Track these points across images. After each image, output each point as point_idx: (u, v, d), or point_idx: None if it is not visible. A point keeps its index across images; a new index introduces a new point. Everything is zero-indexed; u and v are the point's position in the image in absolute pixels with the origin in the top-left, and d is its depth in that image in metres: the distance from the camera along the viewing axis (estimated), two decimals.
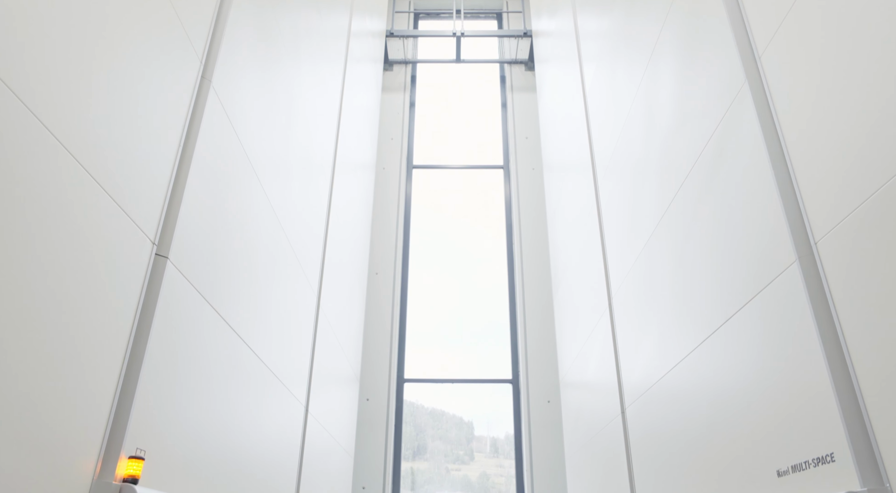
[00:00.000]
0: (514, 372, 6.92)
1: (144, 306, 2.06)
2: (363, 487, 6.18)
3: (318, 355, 4.47)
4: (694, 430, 2.94)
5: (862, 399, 1.76)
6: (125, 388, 1.93)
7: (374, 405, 6.54)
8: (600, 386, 4.67)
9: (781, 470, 2.14)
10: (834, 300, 1.90)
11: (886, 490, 1.65)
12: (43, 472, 1.55)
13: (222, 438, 2.70)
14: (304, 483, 4.06)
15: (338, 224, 5.27)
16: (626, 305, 4.07)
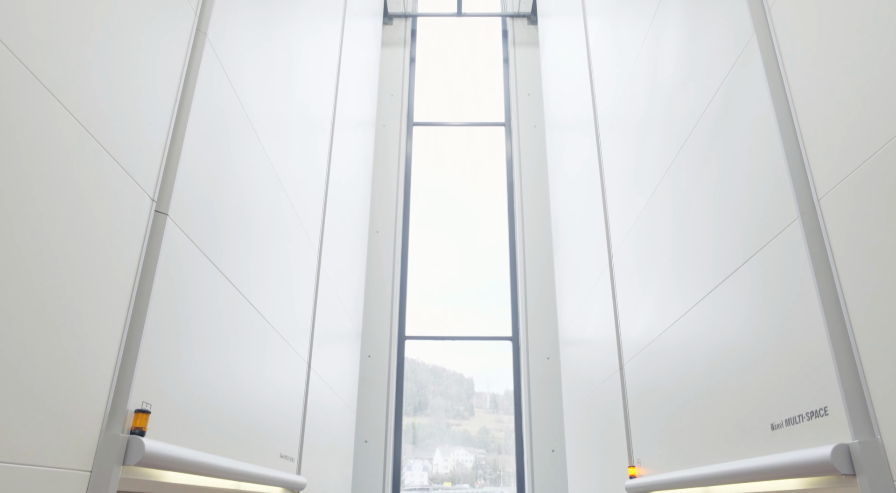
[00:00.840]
0: (513, 329, 7.00)
1: (145, 262, 2.06)
2: (365, 441, 6.32)
3: (319, 312, 4.51)
4: (691, 385, 2.99)
5: (858, 354, 1.78)
6: (129, 343, 1.95)
7: (376, 362, 6.63)
8: (599, 343, 4.73)
9: (775, 424, 2.18)
10: (835, 258, 1.90)
11: (877, 442, 1.68)
12: (52, 425, 1.58)
13: (226, 392, 2.75)
14: (307, 437, 4.15)
15: (338, 182, 5.24)
16: (626, 262, 4.08)
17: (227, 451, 2.73)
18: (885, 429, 1.66)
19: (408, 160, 7.74)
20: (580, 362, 5.40)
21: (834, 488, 1.85)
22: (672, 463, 3.20)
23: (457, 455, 8.15)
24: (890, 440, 1.65)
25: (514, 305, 7.08)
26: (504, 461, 7.30)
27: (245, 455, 2.96)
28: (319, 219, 4.59)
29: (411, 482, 7.21)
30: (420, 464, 7.62)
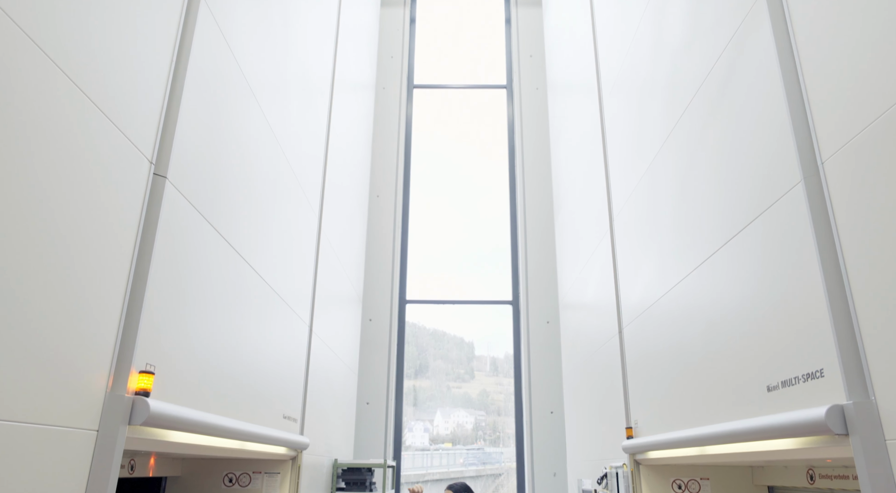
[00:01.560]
0: (514, 294, 7.03)
1: (145, 225, 2.06)
2: (367, 402, 6.42)
3: (320, 275, 4.52)
4: (688, 348, 3.02)
5: (856, 317, 1.79)
6: (131, 305, 1.96)
7: (377, 326, 6.69)
8: (599, 307, 4.76)
9: (771, 386, 2.21)
10: (836, 222, 1.90)
11: (871, 403, 1.70)
12: (59, 386, 1.60)
13: (229, 354, 2.78)
14: (310, 398, 4.21)
15: (338, 146, 5.20)
16: (627, 227, 4.07)
17: (230, 412, 2.77)
18: (880, 390, 1.68)
19: (408, 124, 7.66)
20: (580, 326, 5.44)
21: (827, 447, 1.88)
22: (669, 424, 3.26)
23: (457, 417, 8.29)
24: (884, 400, 1.67)
25: (515, 269, 7.10)
26: (504, 423, 7.43)
27: (248, 416, 3.01)
28: (319, 183, 4.56)
29: (412, 442, 7.35)
30: (421, 425, 7.76)
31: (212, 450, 2.67)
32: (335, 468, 5.00)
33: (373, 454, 6.23)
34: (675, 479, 3.67)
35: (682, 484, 3.67)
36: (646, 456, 3.61)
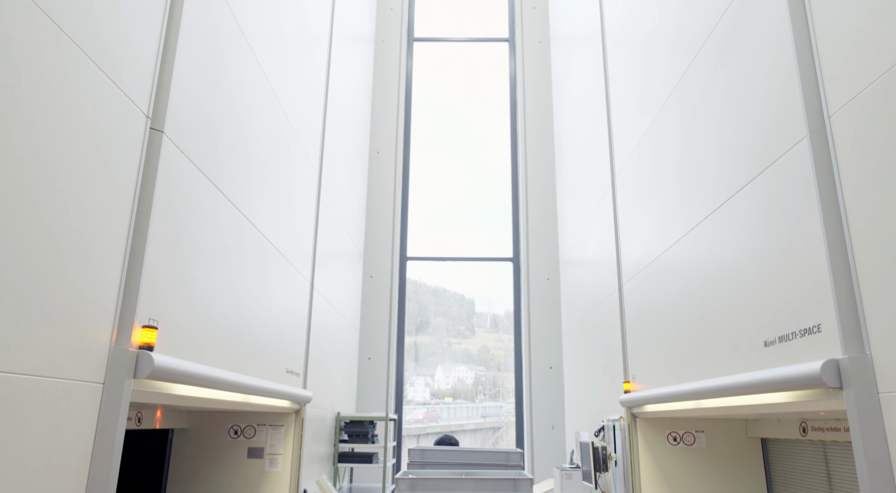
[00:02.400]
0: (514, 250, 7.05)
1: (144, 180, 2.04)
2: (369, 358, 6.52)
3: (321, 232, 4.53)
4: (688, 304, 3.04)
5: (856, 273, 1.79)
6: (132, 260, 1.96)
7: (378, 282, 6.73)
8: (599, 263, 4.77)
9: (769, 341, 2.23)
10: (841, 178, 1.88)
11: (866, 357, 1.72)
12: (63, 340, 1.62)
13: (231, 310, 2.80)
14: (312, 353, 4.27)
15: (337, 100, 5.12)
16: (629, 183, 4.05)
17: (233, 366, 2.81)
18: (876, 344, 1.70)
19: (408, 78, 7.52)
20: (580, 283, 5.47)
21: (821, 400, 1.91)
22: (666, 379, 3.31)
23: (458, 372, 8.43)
24: (879, 354, 1.68)
25: (516, 226, 7.09)
26: (503, 378, 7.56)
27: (251, 370, 3.06)
28: (319, 138, 4.52)
29: (414, 397, 7.49)
30: (422, 380, 7.90)
31: (216, 403, 2.72)
32: (338, 421, 5.11)
33: (375, 408, 6.36)
34: (671, 431, 3.76)
35: (677, 436, 3.75)
36: (642, 410, 3.68)
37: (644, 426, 3.81)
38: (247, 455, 3.83)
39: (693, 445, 3.73)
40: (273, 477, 3.81)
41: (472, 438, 11.19)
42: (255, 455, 3.83)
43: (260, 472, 3.81)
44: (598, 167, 4.79)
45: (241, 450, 3.84)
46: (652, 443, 3.76)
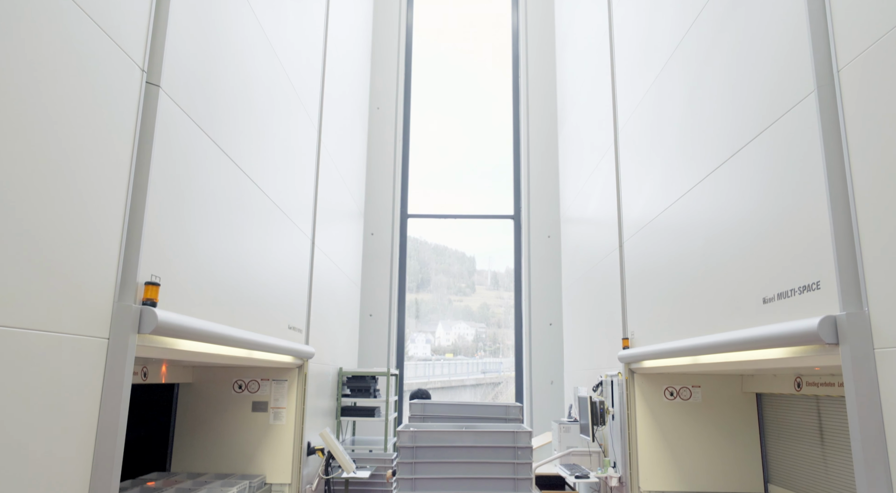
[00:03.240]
0: (515, 208, 7.03)
1: (141, 135, 2.02)
2: (370, 314, 6.58)
3: (321, 189, 4.51)
4: (688, 262, 3.05)
5: (857, 230, 1.79)
6: (132, 216, 1.96)
7: (379, 240, 6.74)
8: (600, 221, 4.77)
9: (767, 298, 2.25)
10: (847, 134, 1.85)
11: (864, 314, 1.74)
12: (67, 296, 1.63)
13: (233, 266, 2.81)
14: (314, 309, 4.31)
15: (336, 54, 5.02)
16: (632, 139, 4.01)
17: (236, 322, 2.84)
18: (874, 301, 1.71)
19: (409, 32, 7.36)
20: (580, 240, 5.48)
21: (817, 356, 1.94)
22: (664, 335, 3.35)
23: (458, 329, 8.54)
24: (876, 311, 1.70)
25: (517, 183, 7.06)
26: (503, 335, 7.65)
27: (254, 326, 3.09)
28: (318, 93, 4.45)
29: (415, 353, 7.60)
30: (423, 337, 8.00)
31: (220, 358, 2.76)
32: (340, 376, 5.20)
33: (376, 364, 6.46)
34: (668, 387, 3.82)
35: (673, 391, 3.82)
36: (640, 366, 3.73)
37: (641, 381, 3.87)
38: (251, 409, 3.91)
39: (689, 400, 3.81)
40: (277, 430, 3.90)
41: (472, 393, 11.41)
42: (260, 409, 3.91)
43: (264, 425, 3.90)
44: (601, 123, 4.74)
45: (245, 404, 3.92)
46: (649, 398, 3.83)
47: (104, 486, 1.77)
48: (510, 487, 2.42)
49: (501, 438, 2.47)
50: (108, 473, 1.77)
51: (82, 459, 1.72)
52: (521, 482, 2.43)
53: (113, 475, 1.78)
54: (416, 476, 2.45)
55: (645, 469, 3.75)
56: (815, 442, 3.23)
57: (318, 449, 4.09)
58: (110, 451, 1.79)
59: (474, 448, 2.45)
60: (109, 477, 1.77)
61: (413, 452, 2.47)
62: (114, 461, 1.79)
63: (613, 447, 4.12)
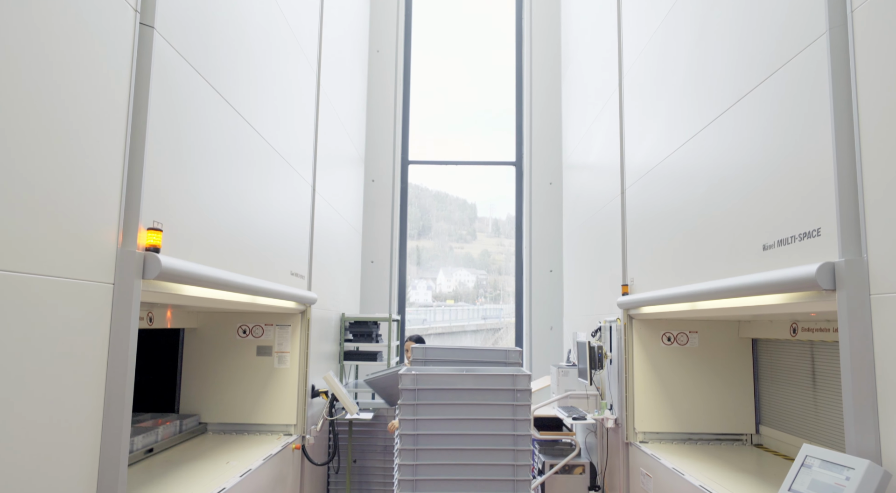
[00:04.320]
0: (517, 155, 6.97)
1: (137, 79, 1.99)
2: (372, 261, 6.63)
3: (321, 134, 4.46)
4: (689, 209, 3.04)
5: (861, 178, 1.78)
6: (132, 161, 1.95)
7: (380, 186, 6.71)
8: (603, 167, 4.73)
9: (767, 244, 2.26)
10: (857, 78, 1.82)
11: (863, 260, 1.75)
12: (71, 242, 1.64)
13: (234, 213, 2.81)
14: (316, 256, 4.34)
15: None
16: (637, 84, 3.93)
17: (239, 268, 2.86)
18: (873, 247, 1.72)
19: None
20: (582, 187, 5.46)
21: (814, 302, 1.96)
22: (663, 282, 3.38)
23: (459, 276, 8.61)
24: (875, 258, 1.71)
25: (519, 130, 6.97)
26: (504, 282, 7.72)
27: (257, 272, 3.12)
28: (316, 35, 4.34)
29: (416, 299, 7.69)
30: (424, 284, 8.07)
31: (224, 304, 2.80)
32: (343, 322, 5.28)
33: (378, 310, 6.55)
34: (665, 332, 3.88)
35: (671, 337, 3.88)
36: (639, 311, 3.78)
37: (640, 326, 3.93)
38: (256, 353, 3.99)
39: (686, 345, 3.87)
40: (282, 374, 3.99)
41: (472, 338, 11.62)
42: (264, 353, 3.99)
43: (269, 369, 3.98)
44: (606, 67, 4.64)
45: (250, 348, 4.00)
46: (646, 343, 3.90)
47: (116, 427, 1.82)
48: (509, 427, 2.50)
49: (501, 381, 2.53)
50: (120, 414, 1.83)
51: (94, 401, 1.77)
52: (519, 422, 2.50)
53: (124, 417, 1.84)
54: (418, 417, 2.52)
55: (641, 411, 3.86)
56: (808, 386, 3.30)
57: (322, 392, 4.20)
58: (120, 393, 1.84)
59: (475, 391, 2.52)
60: (121, 419, 1.83)
61: (415, 394, 2.53)
62: (124, 403, 1.84)
63: (610, 390, 4.22)
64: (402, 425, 2.51)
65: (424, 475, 2.48)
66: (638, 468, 3.77)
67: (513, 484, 2.47)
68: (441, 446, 2.50)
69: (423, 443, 2.50)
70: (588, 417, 4.53)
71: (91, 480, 1.76)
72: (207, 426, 3.94)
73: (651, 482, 3.51)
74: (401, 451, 2.52)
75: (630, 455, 3.94)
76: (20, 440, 1.47)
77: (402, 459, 2.50)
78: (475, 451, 2.49)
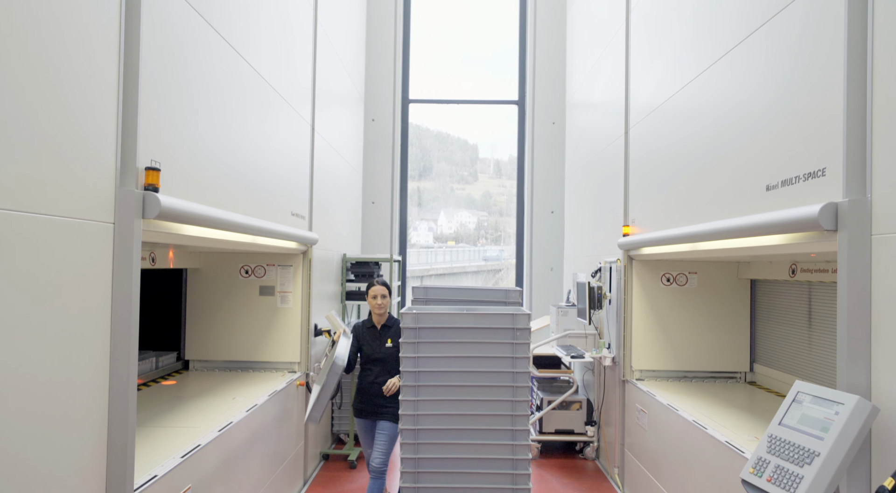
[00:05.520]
0: (520, 94, 6.83)
1: (128, 15, 1.92)
2: (373, 202, 6.61)
3: (319, 72, 4.35)
4: (694, 149, 3.00)
5: (871, 116, 1.74)
6: (126, 99, 1.91)
7: (380, 126, 6.61)
8: (607, 106, 4.65)
9: (771, 185, 2.24)
10: (874, 11, 1.75)
11: (866, 200, 1.73)
12: (69, 182, 1.62)
13: (233, 152, 2.78)
14: (316, 196, 4.32)
15: None
16: (644, 19, 3.81)
17: (239, 208, 2.86)
18: (878, 187, 1.70)
19: None
20: (585, 127, 5.37)
21: (814, 242, 1.96)
22: (665, 223, 3.37)
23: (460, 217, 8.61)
24: (879, 197, 1.69)
25: (522, 68, 6.80)
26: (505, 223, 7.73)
27: (257, 213, 3.11)
28: None
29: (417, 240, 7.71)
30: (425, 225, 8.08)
31: (225, 244, 2.81)
32: (344, 262, 5.31)
33: (379, 251, 6.58)
34: (665, 273, 3.91)
35: (670, 277, 3.91)
36: (639, 252, 3.80)
37: (639, 267, 3.95)
38: (259, 293, 4.03)
39: (685, 285, 3.91)
40: (285, 313, 4.04)
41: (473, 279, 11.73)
42: (267, 293, 4.04)
43: (272, 308, 4.04)
44: (612, 1, 4.48)
45: (253, 288, 4.04)
46: (646, 283, 3.93)
47: (123, 363, 1.86)
48: (509, 365, 2.55)
49: (501, 320, 2.56)
50: (126, 351, 1.86)
51: (100, 338, 1.80)
52: (518, 360, 2.55)
53: (130, 353, 1.87)
54: (420, 355, 2.57)
55: (638, 350, 3.93)
56: (803, 326, 3.35)
57: (325, 331, 4.27)
58: (126, 329, 1.87)
59: (475, 329, 2.55)
60: (128, 354, 1.86)
61: (416, 332, 2.57)
62: (130, 339, 1.87)
63: (609, 329, 4.29)
64: (402, 362, 2.56)
65: (425, 410, 2.55)
66: (633, 404, 3.88)
67: (511, 419, 2.54)
68: (442, 383, 2.56)
69: (424, 380, 2.56)
70: (586, 355, 4.63)
71: (102, 412, 1.81)
72: (212, 363, 4.03)
73: (646, 418, 3.62)
74: (402, 388, 2.58)
75: (626, 392, 4.04)
76: (30, 377, 1.51)
77: (404, 395, 2.57)
78: (475, 387, 2.55)
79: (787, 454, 1.67)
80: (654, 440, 3.49)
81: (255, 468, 3.13)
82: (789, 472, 1.62)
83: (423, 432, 2.56)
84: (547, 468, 4.62)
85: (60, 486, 1.62)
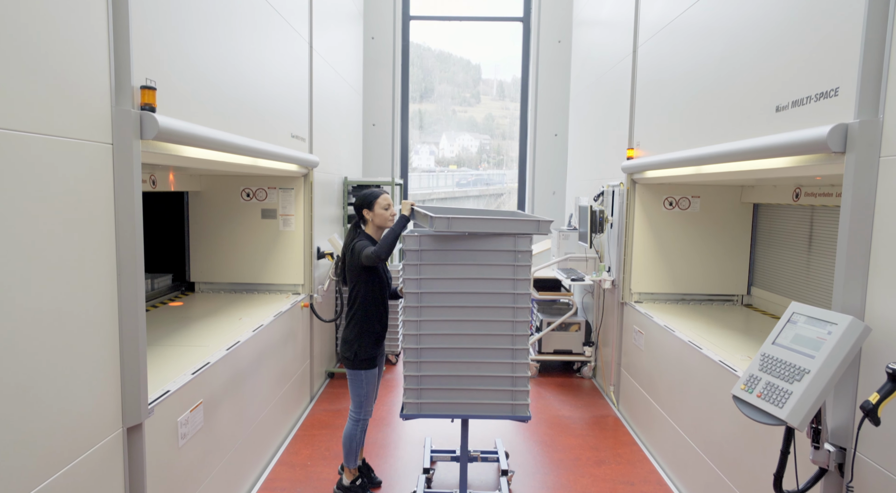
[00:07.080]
0: (525, 9, 6.56)
1: None
2: (373, 124, 6.49)
3: None
4: (704, 69, 2.91)
5: (891, 33, 1.68)
6: (117, 16, 1.83)
7: (380, 44, 6.40)
8: (616, 22, 4.47)
9: (781, 106, 2.18)
10: None
11: (878, 121, 1.70)
12: (63, 102, 1.59)
13: (229, 72, 2.70)
14: (316, 118, 4.24)
15: None
16: None
17: (238, 130, 2.81)
18: (891, 107, 1.66)
19: None
20: (592, 45, 5.19)
21: (822, 164, 1.93)
22: (670, 147, 3.32)
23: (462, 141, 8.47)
24: (891, 117, 1.65)
25: None
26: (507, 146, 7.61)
27: (256, 134, 3.06)
28: None
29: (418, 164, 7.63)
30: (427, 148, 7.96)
31: (225, 166, 2.78)
32: (346, 185, 5.29)
33: (381, 174, 6.53)
34: (668, 197, 3.89)
35: (673, 201, 3.90)
36: (643, 176, 3.76)
37: (642, 191, 3.93)
38: (261, 216, 4.04)
39: (688, 209, 3.90)
40: (287, 236, 4.06)
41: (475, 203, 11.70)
42: (269, 216, 4.04)
43: (275, 231, 4.05)
44: None
45: (255, 211, 4.04)
46: (648, 207, 3.93)
47: (130, 281, 1.88)
48: (510, 287, 2.59)
49: (502, 242, 2.57)
50: (133, 270, 1.88)
51: (106, 258, 1.81)
52: (519, 282, 2.58)
53: (136, 271, 1.89)
54: (422, 277, 2.60)
55: (638, 273, 3.98)
56: (803, 250, 3.37)
57: (328, 253, 4.31)
58: (131, 248, 1.88)
59: (476, 252, 2.57)
60: (134, 273, 1.89)
61: (418, 255, 2.59)
62: (136, 259, 1.89)
63: (609, 252, 4.32)
64: (405, 284, 2.60)
65: (428, 330, 2.61)
66: (631, 325, 3.96)
67: (511, 339, 2.60)
68: (443, 304, 2.60)
69: (427, 301, 2.60)
70: (586, 278, 4.69)
71: (113, 329, 1.85)
72: (218, 285, 4.10)
73: (643, 339, 3.71)
74: (405, 308, 2.63)
75: (624, 314, 4.12)
76: (40, 295, 1.53)
77: (407, 315, 2.62)
78: (476, 308, 2.60)
79: (779, 372, 1.72)
80: (649, 359, 3.59)
81: (263, 385, 3.25)
82: (779, 388, 1.68)
83: (425, 351, 2.63)
84: (545, 385, 4.79)
85: (78, 400, 1.68)
